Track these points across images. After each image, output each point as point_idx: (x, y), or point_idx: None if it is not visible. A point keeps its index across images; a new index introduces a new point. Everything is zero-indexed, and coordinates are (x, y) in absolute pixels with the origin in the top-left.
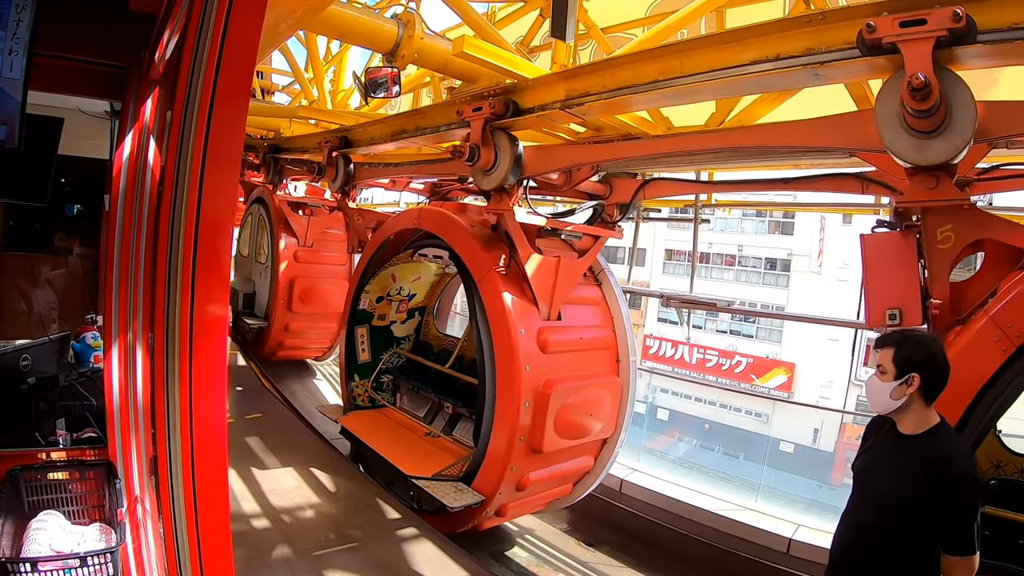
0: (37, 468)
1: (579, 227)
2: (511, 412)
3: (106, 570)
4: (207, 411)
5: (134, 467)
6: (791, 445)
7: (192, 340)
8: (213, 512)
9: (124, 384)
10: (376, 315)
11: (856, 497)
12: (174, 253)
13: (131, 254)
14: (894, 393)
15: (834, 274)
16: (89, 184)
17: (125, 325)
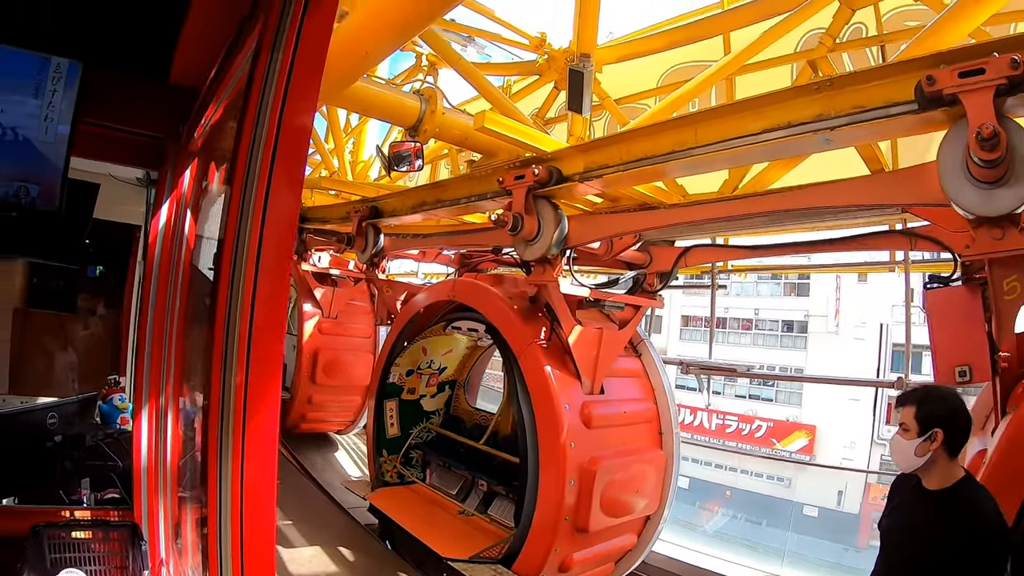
0: (61, 526)
1: (621, 297)
2: (555, 490)
3: None
4: (258, 483)
5: (160, 530)
6: (815, 509)
7: (246, 414)
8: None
9: (153, 447)
10: (406, 389)
11: (884, 558)
12: (231, 324)
13: (166, 319)
14: (918, 450)
15: (851, 333)
16: (115, 247)
17: (157, 389)
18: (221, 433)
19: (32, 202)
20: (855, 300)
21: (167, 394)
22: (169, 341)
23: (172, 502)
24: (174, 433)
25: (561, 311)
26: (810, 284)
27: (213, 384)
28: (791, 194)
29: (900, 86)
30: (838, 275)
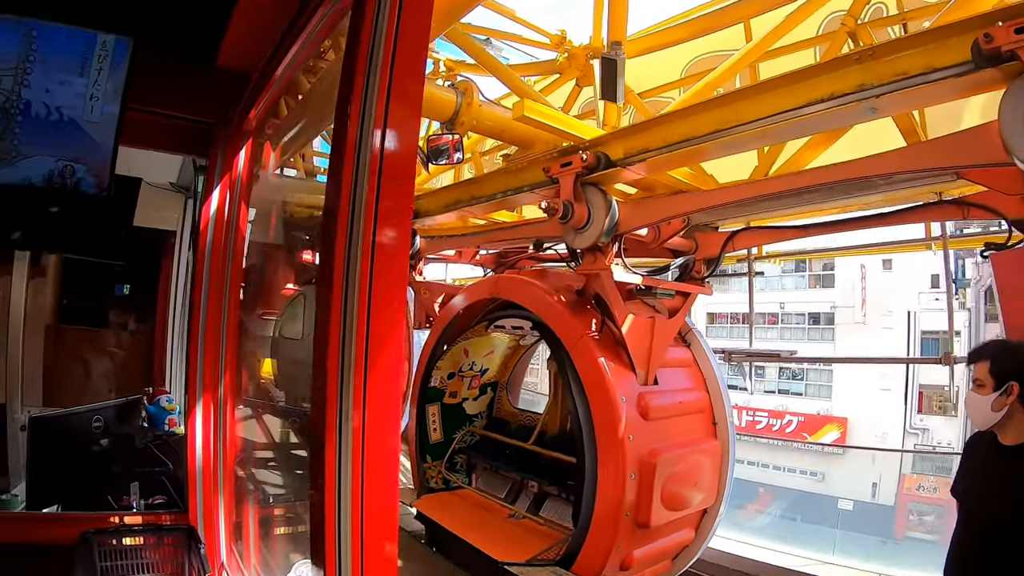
0: (111, 532)
1: (672, 284)
2: (616, 486)
3: None
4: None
5: (220, 533)
6: (850, 502)
7: (366, 405)
8: None
9: (210, 448)
10: (447, 392)
11: (965, 518)
12: (348, 315)
13: (221, 311)
14: (995, 405)
15: (879, 322)
16: (149, 254)
17: (211, 387)
18: (340, 426)
19: (77, 183)
20: (881, 289)
21: (223, 393)
22: (226, 333)
23: (231, 504)
24: (231, 433)
25: (614, 300)
26: (835, 275)
27: (328, 376)
28: (841, 167)
29: (945, 50)
30: (863, 265)
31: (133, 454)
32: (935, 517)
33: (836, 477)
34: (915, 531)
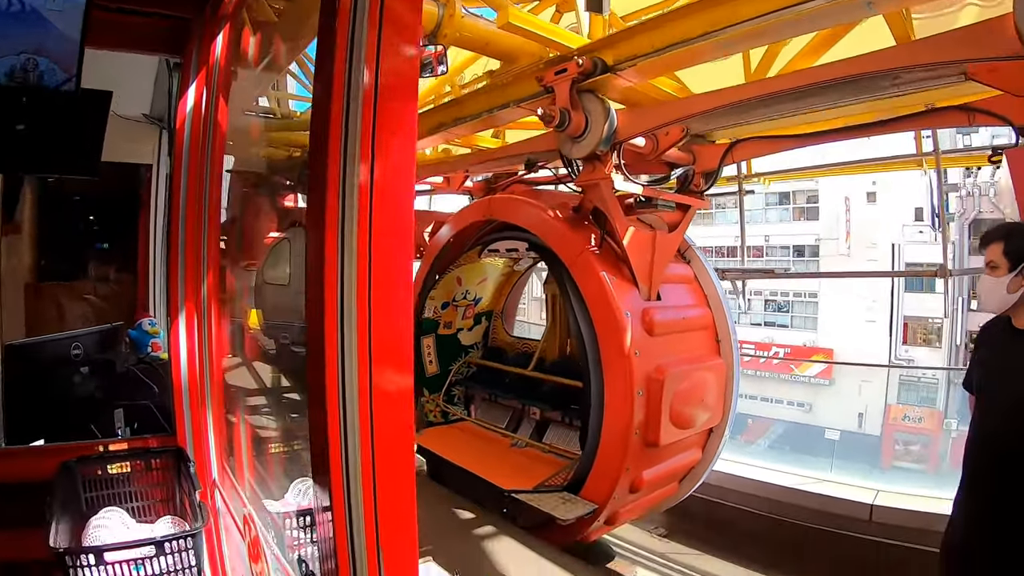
0: (95, 459)
1: (672, 196)
2: (624, 404)
3: (187, 559)
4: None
5: (211, 452)
6: (836, 432)
7: (371, 321)
8: (399, 502)
9: (194, 366)
10: (442, 323)
11: (983, 407)
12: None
13: (200, 216)
14: (1010, 286)
15: (863, 255)
16: (124, 191)
17: (194, 295)
18: (341, 336)
19: (40, 76)
20: (865, 222)
21: (207, 310)
22: (208, 239)
23: (220, 423)
24: (218, 350)
25: (614, 211)
26: (819, 208)
27: (327, 282)
28: (845, 63)
29: None
30: (847, 197)
31: (116, 381)
32: (921, 447)
33: (823, 408)
34: (901, 460)
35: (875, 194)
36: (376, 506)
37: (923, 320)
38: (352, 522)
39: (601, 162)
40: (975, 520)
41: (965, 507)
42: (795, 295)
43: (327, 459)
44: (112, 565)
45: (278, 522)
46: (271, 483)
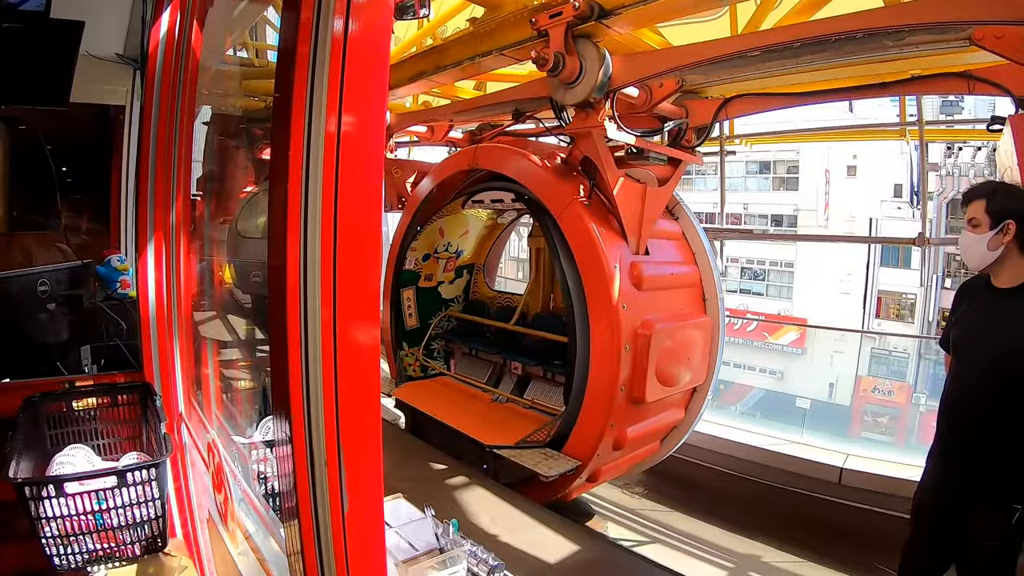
0: (59, 395)
1: (664, 149)
2: (610, 358)
3: (151, 490)
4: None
5: (177, 387)
6: (807, 401)
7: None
8: (364, 439)
9: (162, 300)
10: (423, 275)
11: (960, 364)
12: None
13: (171, 148)
14: (991, 244)
15: (841, 228)
16: (96, 140)
17: (162, 226)
18: (304, 263)
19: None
20: (844, 195)
21: (175, 231)
22: (178, 170)
23: (188, 358)
24: (188, 283)
25: (606, 160)
26: (799, 179)
27: (290, 202)
28: (847, 18)
29: None
30: (827, 170)
31: (83, 318)
32: (889, 419)
33: (795, 376)
34: (870, 432)
35: (856, 168)
36: (339, 437)
37: (897, 295)
38: (313, 453)
39: (595, 110)
40: (947, 476)
41: (937, 463)
42: (771, 264)
43: (287, 389)
44: (73, 497)
45: (244, 453)
46: (239, 419)
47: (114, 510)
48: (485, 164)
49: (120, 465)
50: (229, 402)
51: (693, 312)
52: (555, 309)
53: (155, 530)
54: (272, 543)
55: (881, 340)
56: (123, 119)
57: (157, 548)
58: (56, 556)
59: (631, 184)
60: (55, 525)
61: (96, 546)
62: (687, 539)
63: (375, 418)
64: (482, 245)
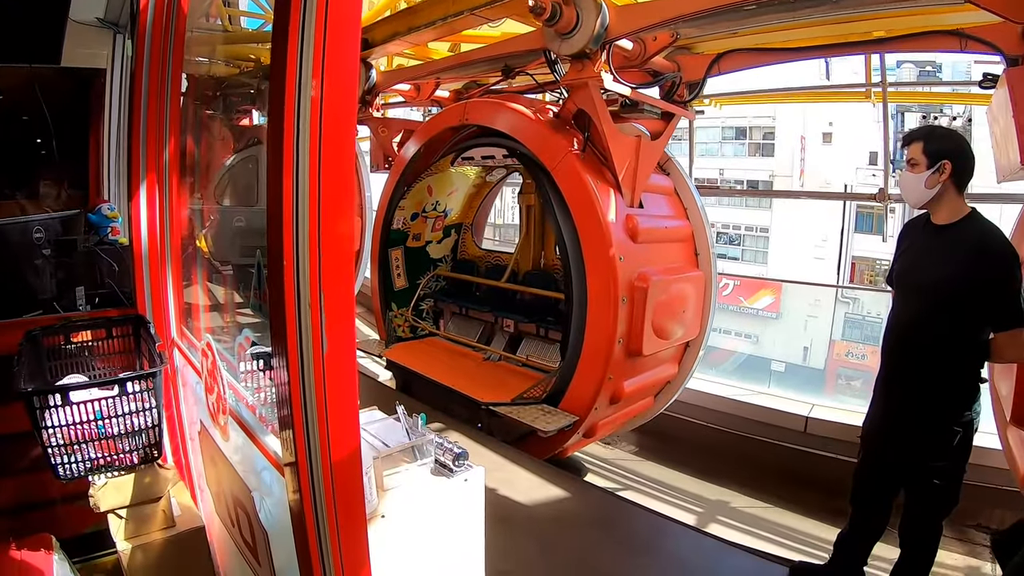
0: (57, 329)
1: (659, 102)
2: (607, 311)
3: (148, 399)
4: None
5: (171, 317)
6: (782, 364)
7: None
8: (341, 359)
9: (155, 238)
10: (411, 235)
11: (901, 296)
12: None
13: (163, 83)
14: (928, 182)
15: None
16: (77, 108)
17: (155, 164)
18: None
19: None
20: (819, 162)
21: (168, 169)
22: (170, 107)
23: (179, 291)
24: (177, 221)
25: (601, 112)
26: (775, 145)
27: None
28: None
29: None
30: (803, 136)
31: (77, 261)
32: (862, 383)
33: (769, 340)
34: (842, 394)
35: (831, 135)
36: (324, 358)
37: (871, 261)
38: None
39: (591, 61)
40: (891, 404)
41: (882, 393)
42: (747, 229)
43: (284, 327)
44: (77, 405)
45: (233, 365)
46: (230, 342)
47: (114, 418)
48: (476, 119)
49: (121, 375)
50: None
51: (686, 266)
52: (546, 266)
53: (152, 439)
54: (259, 424)
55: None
56: (103, 82)
57: (153, 457)
58: (60, 465)
59: (626, 137)
60: (60, 434)
61: (97, 455)
62: (657, 486)
63: (350, 332)
64: (470, 204)
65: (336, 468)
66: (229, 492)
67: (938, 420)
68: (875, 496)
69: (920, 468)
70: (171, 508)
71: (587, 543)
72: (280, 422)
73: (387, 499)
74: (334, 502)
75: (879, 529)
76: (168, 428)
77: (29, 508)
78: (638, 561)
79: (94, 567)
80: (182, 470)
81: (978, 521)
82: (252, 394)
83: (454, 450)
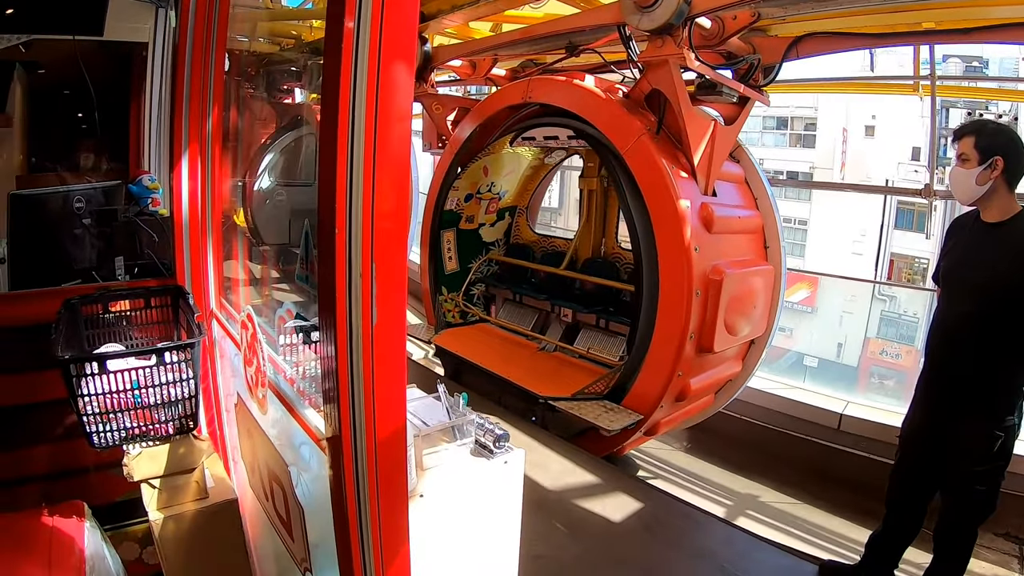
0: (96, 297)
1: (739, 85)
2: (680, 304)
3: (184, 370)
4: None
5: (210, 287)
6: (815, 360)
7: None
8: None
9: (196, 207)
10: (464, 217)
11: (948, 294)
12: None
13: (207, 55)
14: (979, 179)
15: None
16: (118, 82)
17: (197, 136)
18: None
19: None
20: (861, 155)
21: (211, 137)
22: (213, 77)
23: (219, 262)
24: (219, 192)
25: (681, 93)
26: (816, 136)
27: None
28: None
29: None
30: (845, 129)
31: (117, 231)
32: (895, 383)
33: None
34: (875, 393)
35: (874, 128)
36: (373, 331)
37: (909, 259)
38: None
39: (672, 37)
40: (933, 404)
41: (924, 392)
42: (785, 220)
43: (333, 297)
44: (114, 374)
45: (273, 338)
46: (270, 313)
47: (151, 388)
48: (540, 97)
49: (159, 345)
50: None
51: (757, 259)
52: (606, 254)
53: (187, 410)
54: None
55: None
56: (145, 55)
57: (188, 428)
58: (95, 434)
59: (704, 120)
60: (96, 403)
61: (132, 424)
62: (687, 476)
63: (401, 307)
64: (525, 186)
65: (380, 445)
66: (264, 465)
67: (981, 424)
68: (911, 499)
69: (959, 472)
70: (204, 480)
71: (617, 531)
72: (324, 396)
73: (426, 478)
74: (376, 480)
75: (913, 532)
76: (204, 400)
77: (62, 475)
78: (668, 552)
79: (125, 535)
80: (217, 442)
81: (1007, 530)
82: (291, 367)
83: (495, 431)
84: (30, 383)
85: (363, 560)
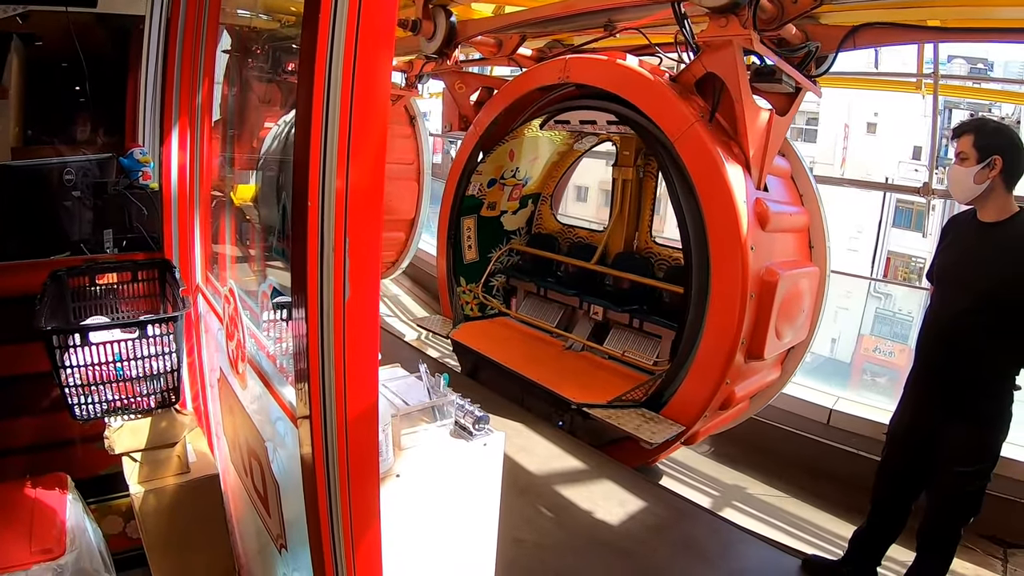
0: (83, 269)
1: (798, 75)
2: (733, 307)
3: (168, 343)
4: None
5: (196, 262)
6: (808, 355)
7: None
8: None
9: (185, 174)
10: (486, 203)
11: (942, 292)
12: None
13: (198, 28)
14: (977, 177)
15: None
16: (114, 55)
17: (187, 110)
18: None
19: None
20: (862, 152)
21: (200, 124)
22: (204, 53)
23: (206, 238)
24: (208, 167)
25: (742, 78)
26: (817, 131)
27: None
28: None
29: None
30: (847, 125)
31: (106, 204)
32: (887, 380)
33: None
34: (867, 390)
35: (876, 126)
36: (345, 306)
37: (906, 257)
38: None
39: (736, 16)
40: (923, 402)
41: (914, 390)
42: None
43: (304, 271)
44: (97, 346)
45: (256, 314)
46: (255, 288)
47: (133, 361)
48: (578, 77)
49: (142, 318)
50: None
51: (803, 260)
52: (639, 249)
53: (170, 384)
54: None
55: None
56: (142, 28)
57: (170, 402)
58: (77, 406)
59: (760, 111)
60: (78, 375)
61: (114, 396)
62: (674, 465)
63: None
64: (551, 173)
65: (351, 424)
66: (244, 441)
67: (969, 424)
68: (897, 496)
69: (946, 472)
70: (186, 454)
71: (601, 518)
72: (296, 374)
73: (403, 458)
74: (347, 459)
75: (897, 530)
76: (189, 374)
77: (46, 447)
78: (652, 539)
79: (109, 508)
80: (201, 417)
81: (992, 532)
82: (273, 343)
83: (475, 413)
84: (15, 354)
85: (332, 539)
